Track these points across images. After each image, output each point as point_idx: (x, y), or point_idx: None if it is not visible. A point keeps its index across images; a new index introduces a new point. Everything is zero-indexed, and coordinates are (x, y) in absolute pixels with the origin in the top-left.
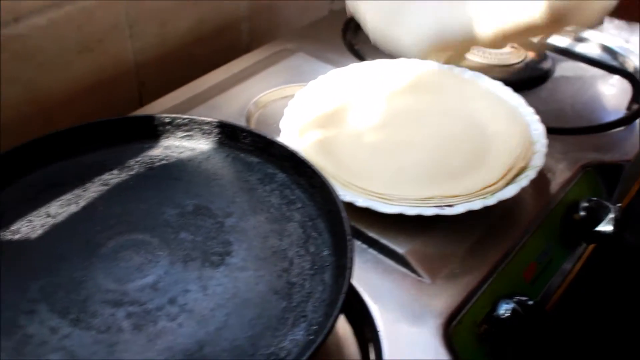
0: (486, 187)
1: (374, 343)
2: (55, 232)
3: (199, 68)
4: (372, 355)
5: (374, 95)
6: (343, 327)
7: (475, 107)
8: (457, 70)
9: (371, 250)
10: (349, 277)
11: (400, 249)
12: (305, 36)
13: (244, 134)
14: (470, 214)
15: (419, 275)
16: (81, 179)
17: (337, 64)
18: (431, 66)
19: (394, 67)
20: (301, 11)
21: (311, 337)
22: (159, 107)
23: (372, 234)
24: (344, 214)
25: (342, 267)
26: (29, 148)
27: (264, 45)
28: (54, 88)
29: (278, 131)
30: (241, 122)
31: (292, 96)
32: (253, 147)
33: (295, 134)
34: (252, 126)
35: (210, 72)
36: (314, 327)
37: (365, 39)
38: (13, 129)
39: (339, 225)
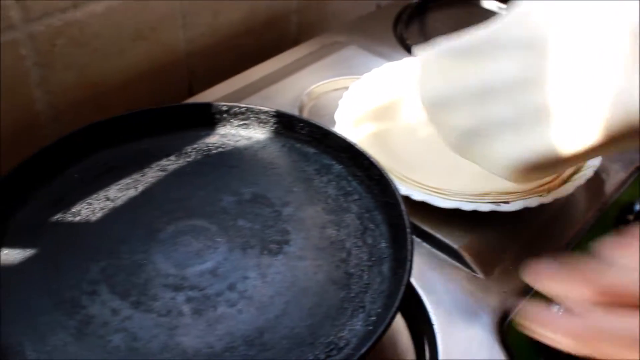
0: (542, 185)
1: (428, 337)
2: (115, 215)
3: (248, 59)
4: (426, 350)
5: None
6: (397, 319)
7: None
8: None
9: (425, 244)
10: (410, 270)
11: (454, 244)
12: (356, 29)
13: (301, 124)
14: (525, 211)
15: (472, 270)
16: (139, 164)
17: (388, 57)
18: None
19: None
20: (349, 6)
21: (370, 328)
22: (210, 97)
23: (426, 228)
24: (403, 206)
25: (401, 259)
26: (89, 132)
27: (314, 38)
28: (107, 74)
29: (331, 122)
30: (294, 113)
31: (344, 88)
32: (310, 137)
33: (350, 126)
34: (305, 117)
35: (261, 63)
36: (372, 318)
37: (417, 33)
38: (67, 114)
39: (397, 218)
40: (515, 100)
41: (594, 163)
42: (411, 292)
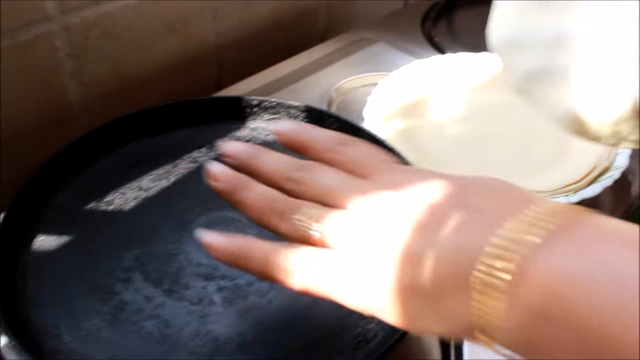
0: (569, 185)
1: None
2: (147, 205)
3: (276, 54)
4: (452, 344)
5: (456, 88)
6: None
7: None
8: None
9: None
10: None
11: None
12: (384, 26)
13: (331, 119)
14: None
15: None
16: (171, 156)
17: (416, 55)
18: None
19: (476, 61)
20: (376, 3)
21: None
22: (238, 90)
23: None
24: None
25: None
26: (122, 123)
27: (342, 34)
28: (138, 67)
29: (359, 118)
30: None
31: (372, 85)
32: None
33: (379, 122)
34: (335, 112)
35: (289, 58)
36: None
37: (445, 31)
38: (98, 105)
39: None
40: (583, 54)
41: (621, 164)
42: None
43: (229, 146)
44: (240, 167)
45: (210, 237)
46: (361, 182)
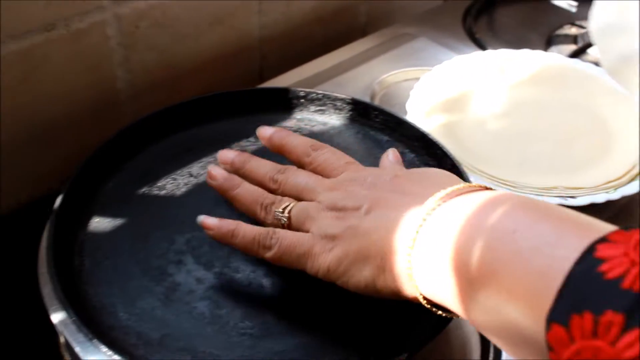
0: (610, 182)
1: None
2: (198, 190)
3: (317, 48)
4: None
5: (498, 84)
6: None
7: (599, 102)
8: (582, 65)
9: None
10: None
11: None
12: (425, 22)
13: (376, 112)
14: (590, 206)
15: None
16: (220, 144)
17: (457, 50)
18: (555, 59)
19: (518, 57)
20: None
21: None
22: (281, 83)
23: None
24: None
25: None
26: (173, 111)
27: (384, 29)
28: (184, 57)
29: (401, 112)
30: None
31: (414, 79)
32: (384, 125)
33: (422, 116)
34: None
35: (329, 52)
36: None
37: (485, 27)
38: (145, 93)
39: None
40: None
41: None
42: None
43: (224, 154)
44: (234, 171)
45: (207, 220)
46: (326, 180)
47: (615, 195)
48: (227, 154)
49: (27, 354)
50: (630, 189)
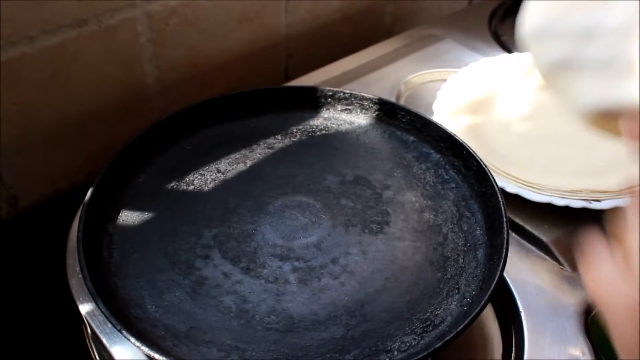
0: (635, 185)
1: (515, 325)
2: (225, 186)
3: (343, 47)
4: (513, 336)
5: (523, 87)
6: None
7: None
8: None
9: (515, 236)
10: (506, 257)
11: (544, 237)
12: (451, 24)
13: (402, 112)
14: (616, 210)
15: (560, 264)
16: (247, 141)
17: (483, 53)
18: None
19: None
20: (442, 2)
21: (464, 309)
22: (307, 82)
23: (517, 220)
24: (501, 197)
25: (496, 246)
26: (202, 108)
27: (410, 30)
28: (212, 54)
29: (427, 112)
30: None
31: (440, 80)
32: (410, 126)
33: (448, 117)
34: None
35: (355, 52)
36: (467, 300)
37: (511, 30)
38: (173, 90)
39: (494, 208)
40: (611, 47)
41: None
42: (500, 279)
43: None
44: None
45: None
46: None
47: None
48: None
49: (53, 345)
50: None
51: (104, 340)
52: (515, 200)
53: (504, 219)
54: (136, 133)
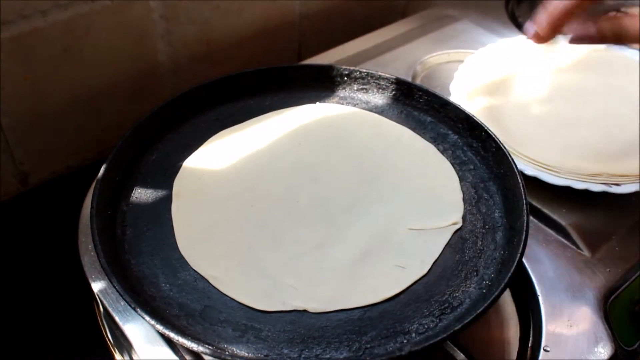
0: None
1: (532, 308)
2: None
3: (356, 26)
4: (530, 319)
5: (541, 69)
6: None
7: None
8: (629, 52)
9: (533, 219)
10: (526, 240)
11: (563, 221)
12: (467, 5)
13: (420, 92)
14: (636, 194)
15: (578, 247)
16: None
17: (499, 34)
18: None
19: (562, 43)
20: None
21: (483, 291)
22: (321, 60)
23: (535, 203)
24: (520, 178)
25: (515, 229)
26: (216, 85)
27: (425, 10)
28: (224, 31)
29: (444, 93)
30: None
31: (457, 61)
32: (428, 106)
33: (464, 98)
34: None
35: (368, 32)
36: (486, 282)
37: (528, 11)
38: (185, 67)
39: (513, 190)
40: None
41: None
42: (520, 263)
43: None
44: None
45: None
46: None
47: None
48: None
49: (64, 324)
50: None
51: (117, 319)
52: (534, 183)
53: (524, 201)
54: (147, 111)
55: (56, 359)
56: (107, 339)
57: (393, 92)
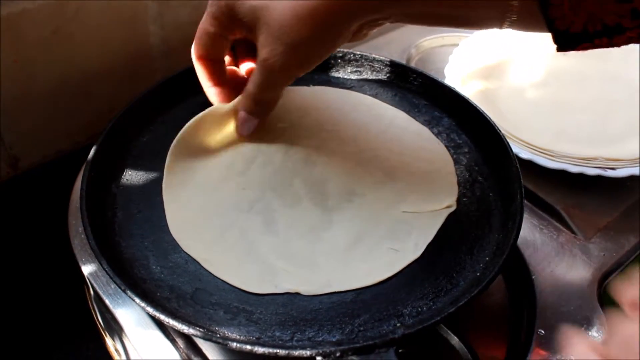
0: None
1: (527, 290)
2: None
3: None
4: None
5: (537, 53)
6: None
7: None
8: None
9: (527, 203)
10: (520, 223)
11: (557, 205)
12: None
13: (414, 75)
14: (630, 178)
15: (573, 231)
16: None
17: None
18: None
19: None
20: None
21: (477, 274)
22: None
23: (530, 187)
24: (516, 162)
25: (510, 212)
26: None
27: None
28: None
29: (438, 77)
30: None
31: (451, 45)
32: (422, 89)
33: (459, 82)
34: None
35: None
36: (480, 265)
37: None
38: (176, 50)
39: (508, 173)
40: None
41: None
42: (514, 246)
43: None
44: None
45: None
46: None
47: None
48: None
49: (54, 307)
50: None
51: (107, 302)
52: (528, 167)
53: (519, 185)
54: (139, 94)
55: (47, 342)
56: (97, 322)
57: (387, 75)
